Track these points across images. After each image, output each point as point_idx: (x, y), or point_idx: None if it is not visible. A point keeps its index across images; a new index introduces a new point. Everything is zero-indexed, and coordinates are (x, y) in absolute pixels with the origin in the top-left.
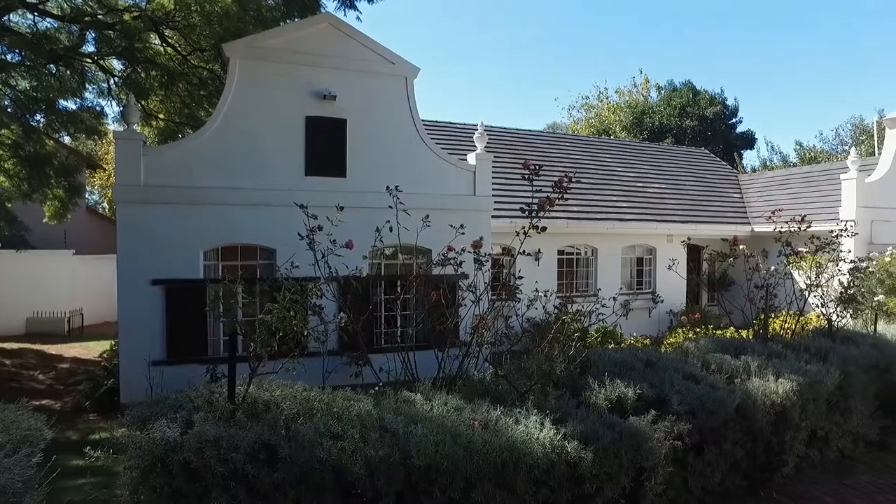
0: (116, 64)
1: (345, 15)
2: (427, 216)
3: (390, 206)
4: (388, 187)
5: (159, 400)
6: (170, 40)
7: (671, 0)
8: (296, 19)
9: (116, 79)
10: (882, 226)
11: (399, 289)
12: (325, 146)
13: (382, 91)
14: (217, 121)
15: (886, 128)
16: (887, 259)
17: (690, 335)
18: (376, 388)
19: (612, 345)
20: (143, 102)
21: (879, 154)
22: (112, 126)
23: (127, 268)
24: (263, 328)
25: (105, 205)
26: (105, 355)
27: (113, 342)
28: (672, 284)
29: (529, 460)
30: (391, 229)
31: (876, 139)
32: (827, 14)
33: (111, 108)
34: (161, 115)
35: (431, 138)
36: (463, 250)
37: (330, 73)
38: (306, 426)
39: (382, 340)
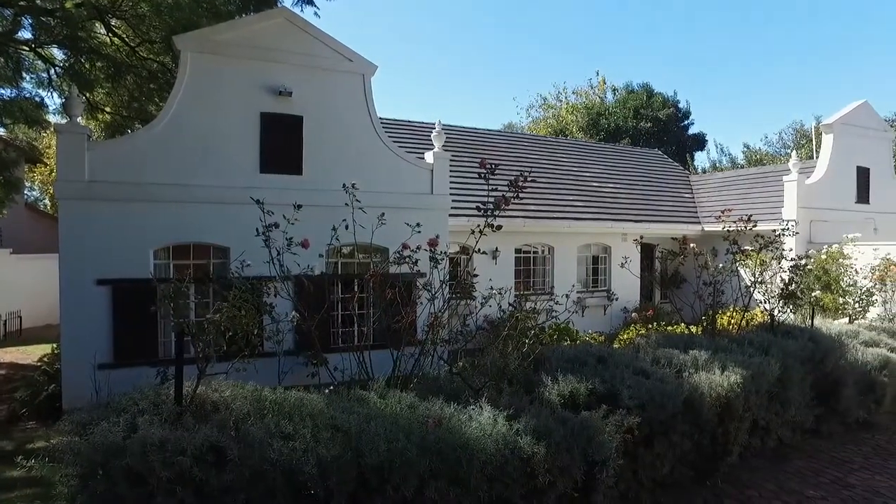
0: (58, 53)
1: (302, 10)
2: (382, 214)
3: (347, 205)
4: (344, 185)
5: (102, 404)
6: (117, 30)
7: (631, 2)
8: (252, 13)
9: (58, 69)
10: (820, 225)
11: (356, 288)
12: (281, 143)
13: (339, 88)
14: (168, 115)
15: (823, 133)
16: (824, 257)
17: (643, 331)
18: (330, 388)
19: (568, 342)
20: (87, 95)
21: (818, 157)
22: (55, 119)
23: (70, 267)
24: (212, 328)
25: (47, 201)
26: (46, 359)
27: (55, 345)
28: (626, 282)
29: (483, 456)
30: (347, 227)
31: (814, 143)
32: (773, 25)
33: (52, 100)
34: (108, 109)
35: (389, 136)
36: (418, 248)
37: (286, 69)
38: (257, 426)
39: (339, 340)
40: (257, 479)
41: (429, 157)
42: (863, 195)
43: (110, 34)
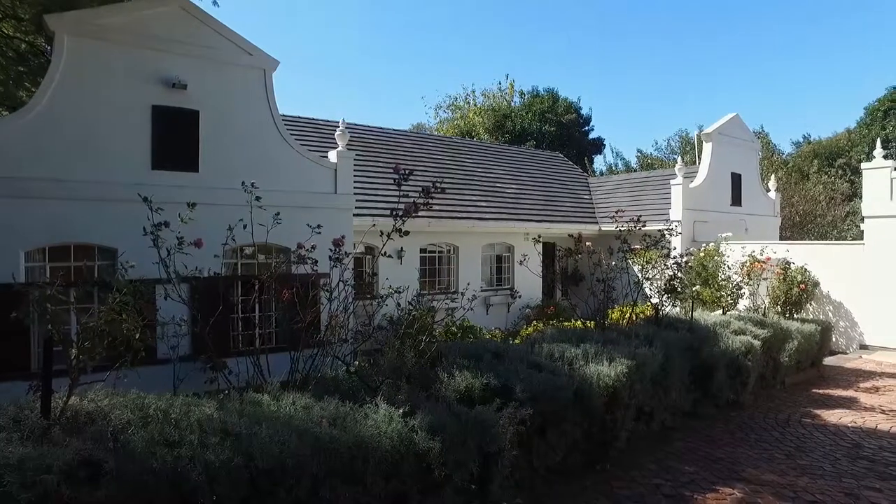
0: None
1: None
2: (278, 213)
3: (247, 203)
4: (243, 183)
5: None
6: None
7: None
8: None
9: None
10: (702, 225)
11: (256, 289)
12: (175, 138)
13: (239, 83)
14: (41, 103)
15: (703, 141)
16: (702, 254)
17: (541, 327)
18: (225, 393)
19: (472, 339)
20: None
21: (699, 163)
22: None
23: None
24: (87, 333)
25: None
26: None
27: None
28: (529, 280)
29: (378, 454)
30: (245, 227)
31: (697, 150)
32: (665, 40)
33: None
34: None
35: (292, 135)
36: (314, 248)
37: (180, 61)
38: (138, 435)
39: (240, 343)
40: (138, 492)
41: (332, 156)
42: (736, 198)
43: None
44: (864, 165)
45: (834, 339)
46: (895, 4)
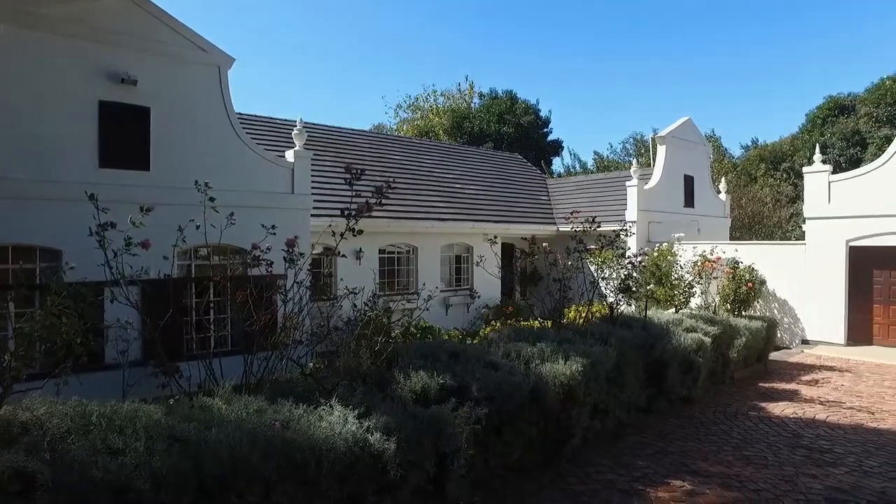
0: None
1: None
2: (232, 214)
3: (201, 203)
4: (197, 182)
5: None
6: None
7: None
8: None
9: None
10: (656, 226)
11: (210, 291)
12: (124, 136)
13: (192, 80)
14: None
15: (658, 144)
16: (656, 254)
17: (499, 327)
18: (175, 398)
19: (431, 339)
20: None
21: (654, 166)
22: None
23: None
24: (22, 339)
25: None
26: None
27: None
28: (488, 281)
29: (332, 456)
30: (198, 227)
31: (651, 153)
32: (620, 47)
33: None
34: None
35: (248, 134)
36: (268, 249)
37: (129, 55)
38: (78, 444)
39: (194, 346)
40: (77, 503)
41: (290, 155)
42: (689, 200)
43: None
44: (805, 169)
45: (779, 335)
46: (833, 23)
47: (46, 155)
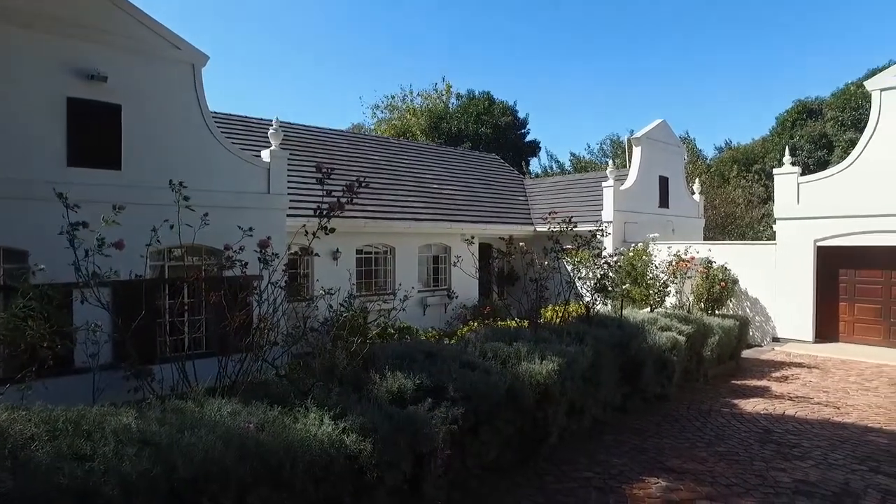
0: None
1: None
2: (206, 214)
3: (175, 203)
4: (171, 182)
5: None
6: None
7: (479, 12)
8: None
9: None
10: (632, 226)
11: (185, 292)
12: (94, 133)
13: (166, 77)
14: None
15: (633, 145)
16: (631, 254)
17: (477, 327)
18: (147, 401)
19: (409, 339)
20: None
21: (630, 167)
22: None
23: None
24: None
25: None
26: None
27: None
28: (466, 281)
29: (308, 457)
30: (172, 227)
31: (627, 154)
32: (599, 48)
33: None
34: None
35: (224, 133)
36: (242, 249)
37: (100, 51)
38: (43, 451)
39: (168, 349)
40: None
41: (265, 155)
42: (664, 200)
43: None
44: (775, 171)
45: (751, 333)
46: (804, 28)
47: (11, 152)
